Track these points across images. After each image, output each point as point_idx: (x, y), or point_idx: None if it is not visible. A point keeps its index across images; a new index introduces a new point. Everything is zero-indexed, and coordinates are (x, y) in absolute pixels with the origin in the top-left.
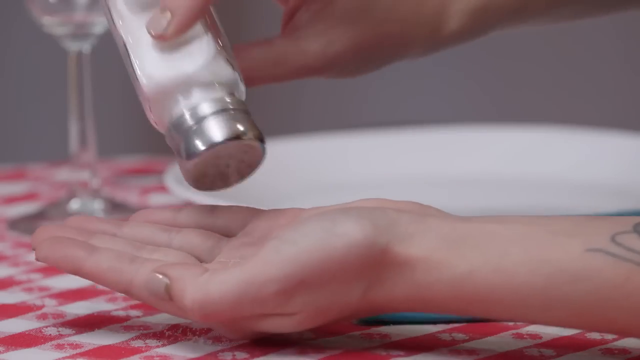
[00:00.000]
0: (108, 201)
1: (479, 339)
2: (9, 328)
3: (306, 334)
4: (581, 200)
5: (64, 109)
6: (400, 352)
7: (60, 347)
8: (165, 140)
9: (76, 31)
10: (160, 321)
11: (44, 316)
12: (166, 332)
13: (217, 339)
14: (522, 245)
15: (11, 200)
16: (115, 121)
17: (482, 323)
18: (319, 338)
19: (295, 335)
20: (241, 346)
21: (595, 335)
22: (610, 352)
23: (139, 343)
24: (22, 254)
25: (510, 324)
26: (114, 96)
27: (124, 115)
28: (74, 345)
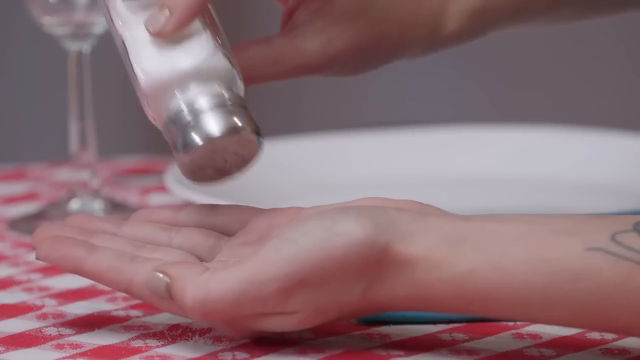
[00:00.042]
0: (108, 201)
1: (479, 339)
2: (9, 328)
3: (306, 334)
4: (581, 200)
5: (64, 109)
6: (400, 352)
7: (60, 347)
8: (163, 136)
9: (76, 31)
10: (160, 321)
11: (44, 316)
12: (166, 332)
13: (217, 339)
14: (523, 244)
15: (11, 200)
16: (115, 121)
17: (482, 323)
18: (319, 338)
19: (295, 335)
20: (241, 346)
21: (595, 335)
22: (610, 352)
23: (139, 343)
24: (22, 254)
25: (510, 323)
26: (114, 96)
27: (124, 115)
28: (74, 345)
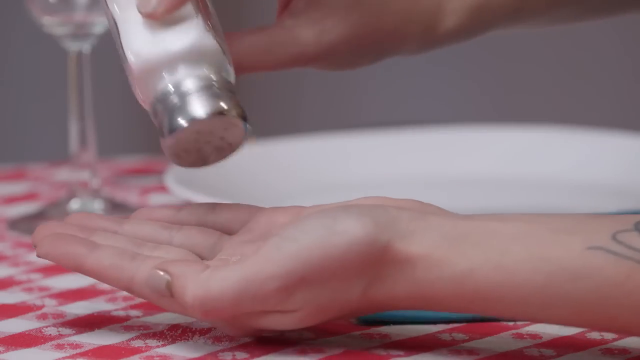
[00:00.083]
0: (108, 201)
1: (479, 339)
2: (9, 328)
3: (306, 334)
4: (581, 200)
5: (64, 109)
6: (400, 352)
7: (60, 347)
8: (151, 118)
9: (76, 31)
10: (160, 321)
11: (44, 316)
12: (166, 332)
13: (217, 339)
14: (523, 243)
15: (11, 200)
16: (115, 121)
17: (482, 323)
18: (319, 338)
19: (295, 335)
20: (241, 346)
21: (595, 335)
22: (610, 352)
23: (139, 343)
24: (22, 254)
25: (510, 323)
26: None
27: (124, 115)
28: (74, 345)
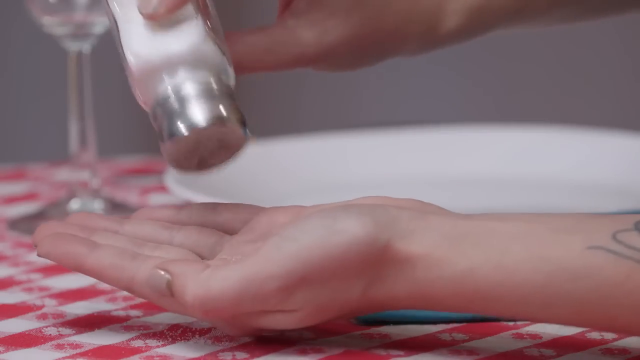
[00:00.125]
0: (108, 201)
1: (479, 339)
2: (9, 328)
3: (306, 334)
4: (581, 200)
5: (64, 109)
6: (400, 352)
7: (60, 347)
8: (151, 121)
9: (76, 31)
10: (160, 321)
11: (44, 316)
12: (166, 332)
13: (217, 339)
14: (523, 243)
15: (11, 200)
16: (115, 121)
17: (482, 323)
18: (319, 338)
19: (295, 335)
20: (241, 346)
21: (595, 335)
22: (610, 352)
23: (139, 343)
24: (22, 254)
25: (510, 323)
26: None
27: (124, 115)
28: (74, 345)
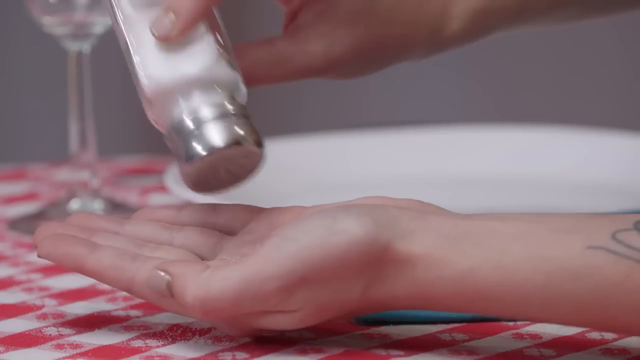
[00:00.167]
0: (108, 201)
1: (479, 339)
2: (9, 328)
3: (306, 334)
4: (581, 200)
5: (64, 109)
6: (400, 352)
7: (60, 347)
8: (165, 141)
9: (76, 31)
10: (160, 321)
11: (44, 316)
12: (166, 332)
13: (217, 339)
14: (523, 243)
15: (11, 200)
16: (115, 121)
17: (482, 323)
18: (319, 338)
19: (295, 335)
20: (241, 346)
21: (595, 335)
22: (610, 352)
23: (139, 343)
24: (22, 254)
25: (510, 323)
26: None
27: (124, 115)
28: (74, 345)
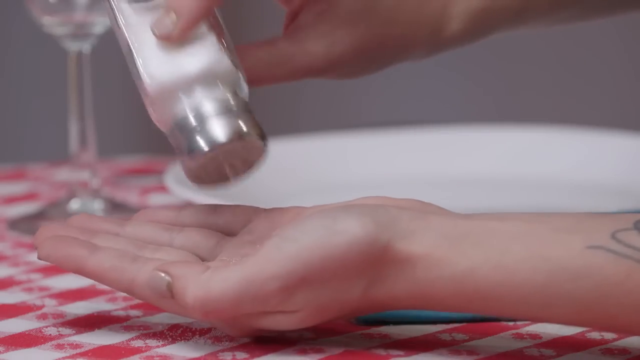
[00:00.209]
0: (108, 201)
1: (479, 339)
2: (9, 328)
3: (306, 334)
4: (581, 200)
5: (64, 109)
6: (400, 352)
7: (60, 347)
8: (168, 139)
9: (76, 31)
10: (160, 321)
11: (44, 316)
12: (166, 332)
13: (217, 339)
14: (523, 243)
15: (11, 200)
16: (115, 121)
17: (482, 323)
18: (319, 338)
19: (295, 335)
20: (241, 346)
21: (595, 335)
22: (610, 352)
23: (139, 343)
24: (22, 254)
25: (510, 323)
26: (114, 96)
27: (124, 115)
28: (74, 345)
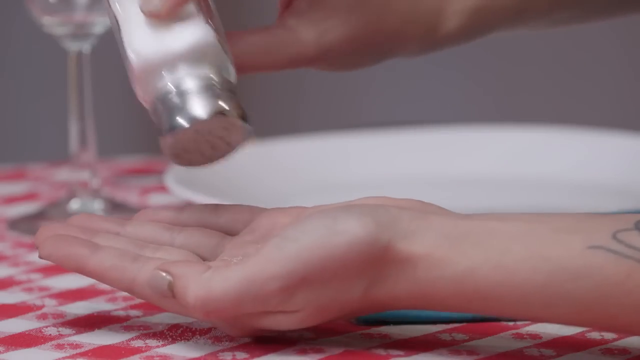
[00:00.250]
0: (108, 201)
1: (479, 339)
2: (9, 328)
3: (306, 334)
4: (581, 200)
5: (64, 109)
6: (400, 352)
7: (60, 347)
8: (151, 116)
9: (76, 31)
10: (160, 321)
11: (44, 316)
12: (166, 332)
13: (217, 339)
14: (523, 243)
15: (11, 200)
16: (115, 121)
17: (482, 323)
18: (319, 338)
19: (295, 335)
20: (241, 346)
21: (595, 335)
22: (610, 352)
23: (139, 343)
24: (22, 254)
25: (510, 323)
26: (114, 96)
27: (124, 115)
28: (74, 345)
